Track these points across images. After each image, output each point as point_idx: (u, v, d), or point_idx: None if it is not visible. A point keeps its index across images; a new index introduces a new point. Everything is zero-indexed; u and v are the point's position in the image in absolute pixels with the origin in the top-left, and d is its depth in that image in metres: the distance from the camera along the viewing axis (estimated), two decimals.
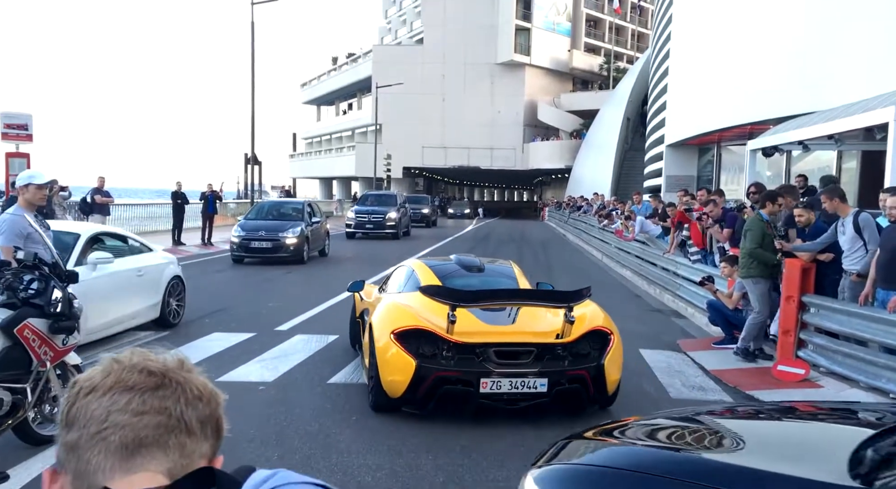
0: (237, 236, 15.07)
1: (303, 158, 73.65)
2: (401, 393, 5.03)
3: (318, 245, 16.66)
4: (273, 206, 17.38)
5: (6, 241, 4.76)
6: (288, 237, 14.97)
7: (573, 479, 2.14)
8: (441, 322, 4.98)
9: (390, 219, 23.89)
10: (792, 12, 15.36)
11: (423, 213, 33.48)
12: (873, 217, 6.37)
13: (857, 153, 13.43)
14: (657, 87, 30.05)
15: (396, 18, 70.95)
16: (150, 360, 0.88)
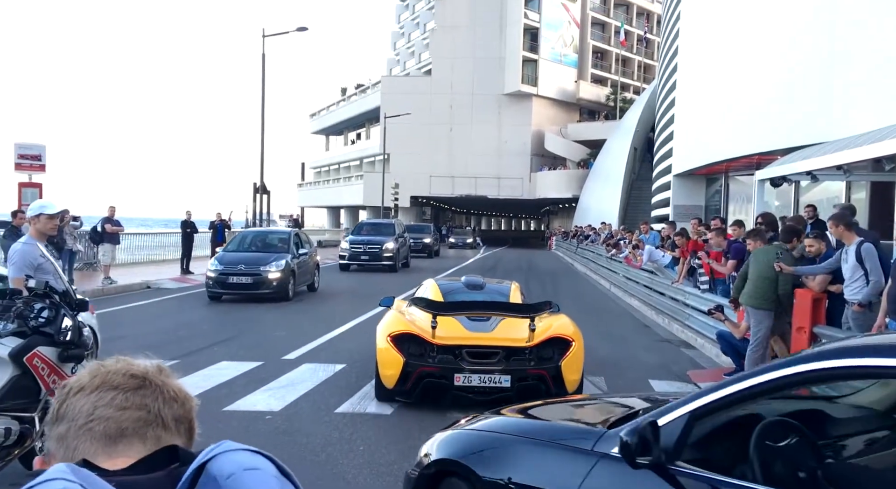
0: (213, 270, 13.37)
1: (311, 187, 74.12)
2: (393, 384, 6.08)
3: (307, 279, 15.08)
4: (256, 236, 15.62)
5: (17, 272, 4.78)
6: (271, 271, 13.37)
7: (456, 439, 3.09)
8: (427, 328, 6.14)
9: (387, 249, 22.13)
10: (798, 44, 15.50)
11: (424, 243, 31.92)
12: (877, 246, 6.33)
13: (866, 183, 13.41)
14: (664, 117, 30.24)
15: (405, 50, 71.93)
16: (133, 365, 1.01)
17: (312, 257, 15.58)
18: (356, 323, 11.16)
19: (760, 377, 2.19)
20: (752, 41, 17.65)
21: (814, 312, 6.71)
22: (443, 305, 6.59)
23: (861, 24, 13.51)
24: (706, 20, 21.92)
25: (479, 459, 2.86)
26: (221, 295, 13.50)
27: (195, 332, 10.07)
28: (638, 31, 64.06)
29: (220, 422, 5.71)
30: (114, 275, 15.25)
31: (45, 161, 13.95)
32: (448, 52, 55.79)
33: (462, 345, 6.02)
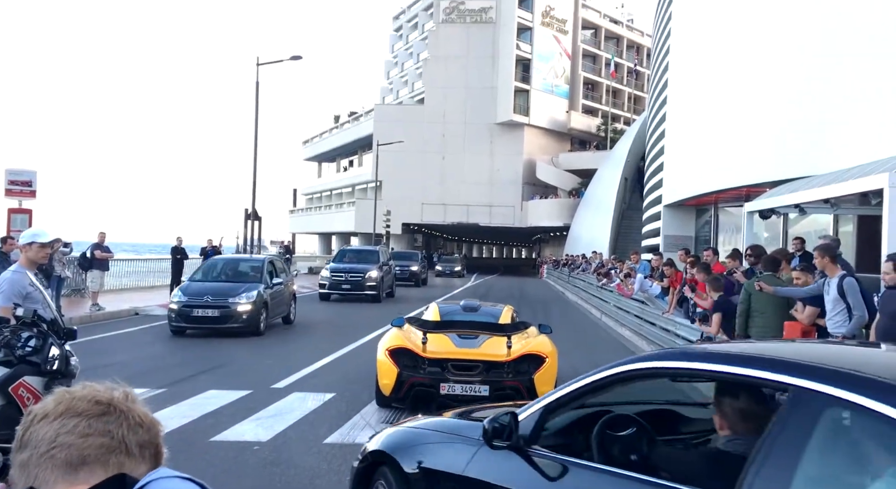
0: (176, 302, 12.18)
1: (303, 214, 74.17)
2: (389, 392, 6.87)
3: (281, 311, 13.97)
4: (227, 264, 14.39)
5: (5, 301, 4.74)
6: (240, 303, 12.19)
7: (390, 434, 3.63)
8: (419, 343, 7.01)
9: (370, 278, 20.74)
10: (787, 79, 15.79)
11: (411, 271, 30.47)
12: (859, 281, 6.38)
13: (853, 217, 13.58)
14: (654, 148, 30.59)
15: (398, 79, 72.65)
16: (99, 391, 1.00)
17: (288, 287, 14.52)
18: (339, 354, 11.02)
19: (595, 376, 2.72)
20: (741, 76, 17.97)
21: None
22: (432, 324, 7.66)
23: (848, 62, 13.80)
24: (695, 54, 22.32)
25: (402, 450, 3.40)
26: (185, 329, 12.25)
27: (183, 360, 9.98)
28: (628, 64, 65.08)
29: (206, 453, 5.63)
30: (102, 301, 15.13)
31: (35, 187, 13.88)
32: (441, 81, 56.42)
33: (448, 359, 6.88)
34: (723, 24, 19.43)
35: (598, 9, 64.95)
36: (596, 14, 64.33)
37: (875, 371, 2.01)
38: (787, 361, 2.20)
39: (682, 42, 24.36)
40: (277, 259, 15.69)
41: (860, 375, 1.96)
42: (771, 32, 16.51)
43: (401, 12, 72.71)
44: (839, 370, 2.01)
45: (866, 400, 1.80)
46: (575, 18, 60.44)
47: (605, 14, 65.69)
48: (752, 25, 17.52)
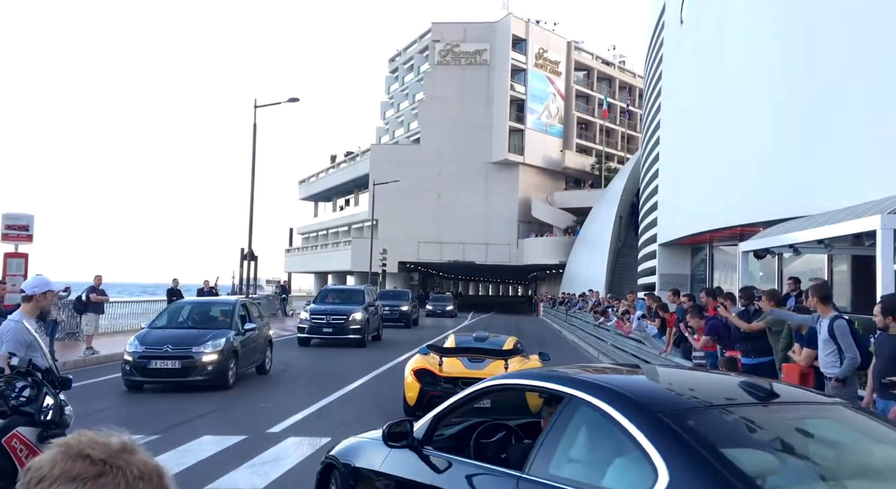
0: (132, 353, 10.77)
1: (299, 253, 74.16)
2: (413, 404, 8.59)
3: (255, 359, 12.65)
4: (194, 308, 13.06)
5: (6, 350, 4.73)
6: (205, 352, 10.85)
7: (346, 443, 4.42)
8: (436, 365, 8.92)
9: (354, 321, 19.03)
10: (778, 120, 16.03)
11: (401, 311, 28.65)
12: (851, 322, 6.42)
13: (847, 256, 13.65)
14: (648, 187, 30.83)
15: (394, 119, 73.48)
16: (94, 446, 0.97)
17: (263, 332, 13.23)
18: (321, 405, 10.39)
19: (463, 393, 3.70)
20: (733, 116, 18.24)
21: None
22: (448, 350, 9.51)
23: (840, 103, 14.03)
24: (686, 96, 22.67)
25: (345, 455, 4.25)
26: (142, 383, 10.89)
27: (177, 405, 9.85)
28: (621, 104, 66.06)
29: None
30: (96, 345, 15.00)
31: (32, 231, 13.78)
32: (436, 121, 57.09)
33: (459, 377, 8.62)
34: (713, 66, 19.80)
35: (590, 51, 66.19)
36: (588, 56, 65.53)
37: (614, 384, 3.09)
38: (565, 378, 3.22)
39: (673, 84, 24.77)
40: (252, 303, 14.22)
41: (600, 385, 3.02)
42: (761, 75, 16.81)
43: (396, 54, 73.93)
44: (589, 382, 3.09)
45: (597, 400, 2.87)
46: (568, 60, 61.54)
47: (597, 56, 66.91)
48: (743, 69, 17.86)
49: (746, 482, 2.31)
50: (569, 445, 2.95)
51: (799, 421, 2.96)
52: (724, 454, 2.47)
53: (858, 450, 2.92)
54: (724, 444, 2.57)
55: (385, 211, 52.75)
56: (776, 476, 2.50)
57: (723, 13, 19.27)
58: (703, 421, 2.71)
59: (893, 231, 7.92)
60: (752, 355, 7.94)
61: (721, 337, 8.61)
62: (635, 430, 2.63)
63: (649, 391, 3.19)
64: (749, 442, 2.72)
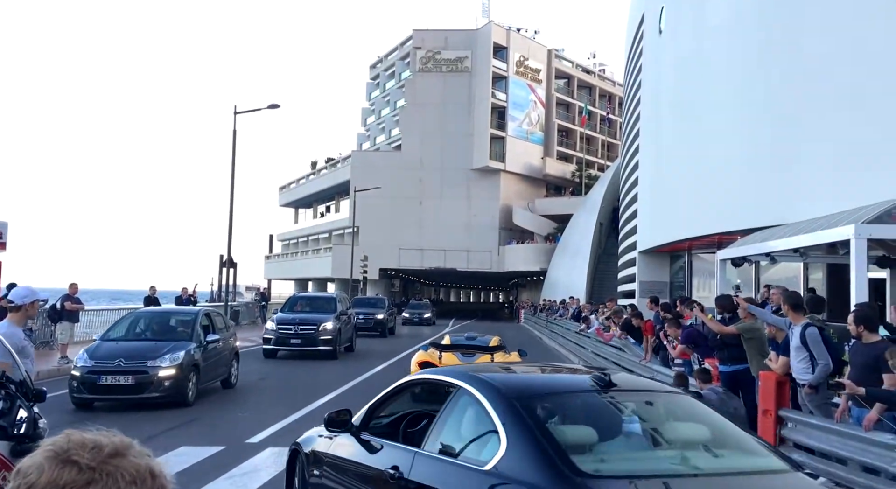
0: (80, 368, 9.92)
1: (279, 260, 73.70)
2: None
3: (220, 373, 11.91)
4: (153, 318, 12.15)
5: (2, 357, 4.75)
6: (162, 367, 10.07)
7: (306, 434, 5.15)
8: (436, 358, 10.85)
9: (325, 331, 17.68)
10: (755, 132, 16.26)
11: (376, 320, 27.19)
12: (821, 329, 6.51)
13: (822, 264, 13.87)
14: (628, 195, 31.07)
15: (375, 126, 73.43)
16: (82, 451, 0.94)
17: (228, 344, 12.45)
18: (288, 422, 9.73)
19: (391, 387, 4.51)
20: (710, 125, 18.47)
21: (778, 395, 6.79)
22: (445, 346, 11.62)
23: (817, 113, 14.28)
24: (665, 105, 22.92)
25: (305, 442, 4.97)
26: (92, 401, 10.04)
27: (154, 415, 9.70)
28: (601, 112, 66.61)
29: None
30: (71, 354, 14.77)
31: (6, 238, 13.54)
32: (418, 128, 57.15)
33: None
34: (691, 76, 20.05)
35: (570, 59, 66.72)
36: (569, 64, 66.03)
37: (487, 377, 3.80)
38: (457, 373, 4.03)
39: (652, 93, 25.04)
40: (216, 312, 13.32)
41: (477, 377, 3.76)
42: (739, 85, 17.06)
43: (378, 61, 73.95)
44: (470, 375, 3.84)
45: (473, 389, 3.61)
46: (548, 68, 61.95)
47: (577, 64, 67.44)
48: (720, 78, 18.11)
49: (557, 449, 3.09)
50: (452, 425, 3.68)
51: (627, 404, 3.69)
52: (549, 428, 3.28)
53: (672, 426, 3.67)
54: (553, 421, 3.40)
55: (366, 217, 52.64)
56: (595, 444, 3.27)
57: (700, 24, 19.54)
58: (543, 404, 3.55)
59: (867, 240, 8.05)
60: (728, 363, 8.03)
61: (698, 345, 8.69)
62: (492, 411, 3.39)
63: (510, 382, 3.91)
64: (578, 420, 3.54)
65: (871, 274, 10.67)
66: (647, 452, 3.44)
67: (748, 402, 7.59)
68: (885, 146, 12.50)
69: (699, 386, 7.94)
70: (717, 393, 7.56)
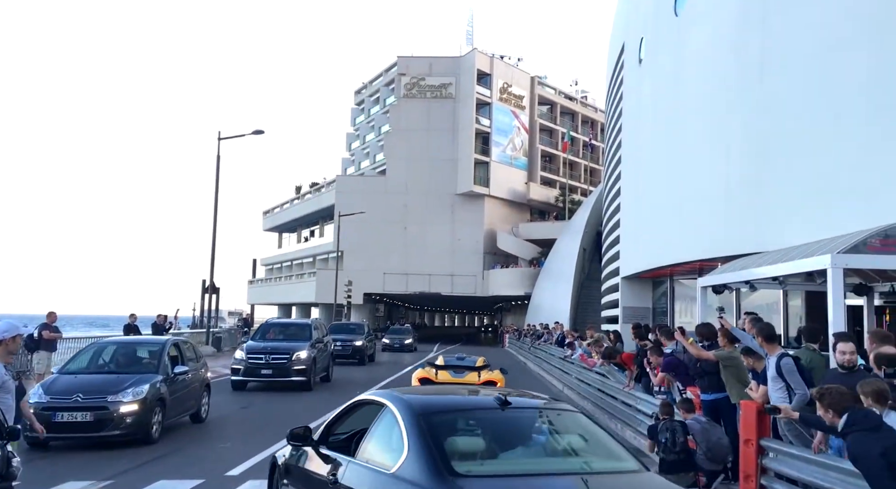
0: (34, 404, 8.84)
1: (262, 284, 73.27)
2: None
3: (189, 407, 11.27)
4: (118, 349, 11.28)
5: None
6: (123, 402, 9.42)
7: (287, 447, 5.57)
8: (433, 375, 13.64)
9: (298, 360, 16.69)
10: (734, 156, 16.52)
11: (354, 347, 26.05)
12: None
13: (801, 292, 14.03)
14: (610, 220, 31.33)
15: (360, 151, 73.74)
16: None
17: (198, 375, 11.80)
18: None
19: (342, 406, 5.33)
20: (689, 153, 18.74)
21: (759, 424, 6.82)
22: (439, 366, 14.45)
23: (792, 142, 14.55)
24: (646, 133, 23.25)
25: (283, 454, 5.69)
26: (47, 441, 8.97)
27: (117, 453, 9.20)
28: (584, 138, 67.41)
29: None
30: None
31: None
32: (402, 153, 57.46)
33: (448, 383, 12.97)
34: (670, 104, 20.38)
35: (553, 86, 67.63)
36: (551, 91, 66.91)
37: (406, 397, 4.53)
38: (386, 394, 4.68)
39: (633, 120, 25.40)
40: (186, 342, 12.63)
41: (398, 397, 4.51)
42: (717, 113, 17.36)
43: (362, 87, 74.48)
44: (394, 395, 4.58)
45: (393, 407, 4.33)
46: (531, 95, 62.72)
47: (560, 91, 68.36)
48: (699, 107, 18.42)
49: (442, 455, 3.77)
50: (376, 437, 4.35)
51: (519, 418, 4.41)
52: (440, 438, 3.93)
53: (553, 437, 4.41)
54: (447, 433, 4.05)
55: (350, 242, 52.59)
56: (481, 451, 4.02)
57: (679, 53, 19.92)
58: (443, 418, 4.25)
59: (843, 270, 8.18)
60: (708, 391, 8.07)
61: (678, 373, 8.73)
62: (402, 423, 4.08)
63: (422, 401, 4.53)
64: (471, 431, 4.24)
65: (849, 301, 10.82)
66: (523, 457, 4.13)
67: (729, 431, 7.61)
68: (859, 176, 12.75)
69: (683, 415, 7.96)
70: (700, 422, 7.59)
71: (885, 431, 4.48)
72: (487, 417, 4.34)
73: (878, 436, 4.39)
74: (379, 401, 4.57)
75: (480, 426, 4.29)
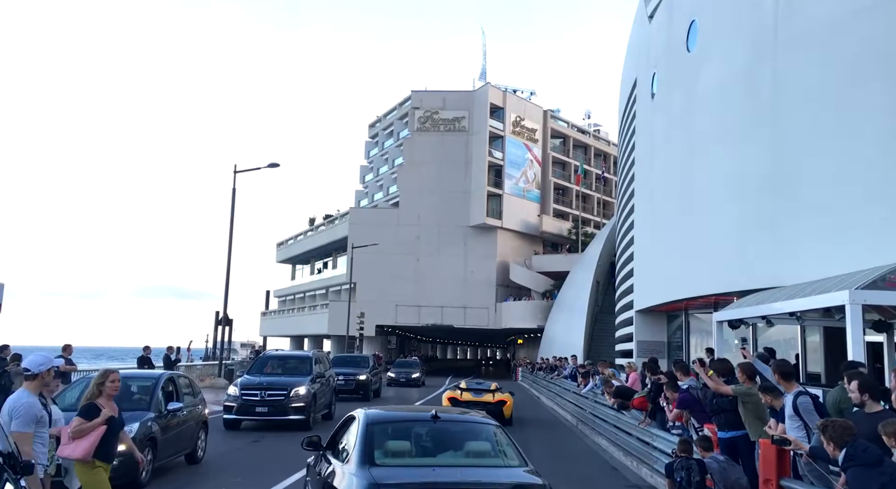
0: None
1: (275, 316, 73.30)
2: None
3: (183, 446, 10.55)
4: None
5: (24, 427, 4.73)
6: None
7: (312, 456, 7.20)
8: (459, 394, 18.47)
9: (297, 396, 15.42)
10: (748, 190, 16.48)
11: (357, 381, 24.24)
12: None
13: (819, 327, 13.86)
14: (624, 253, 31.21)
15: (373, 183, 74.26)
16: None
17: (195, 412, 11.09)
18: None
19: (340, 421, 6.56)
20: (703, 187, 18.73)
21: (779, 464, 6.69)
22: (463, 388, 18.84)
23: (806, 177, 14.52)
24: (658, 167, 23.28)
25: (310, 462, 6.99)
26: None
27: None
28: (596, 171, 67.59)
29: None
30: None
31: (2, 299, 13.27)
32: (415, 185, 57.80)
33: (471, 401, 17.28)
34: (683, 139, 20.45)
35: (566, 119, 68.10)
36: (564, 124, 67.35)
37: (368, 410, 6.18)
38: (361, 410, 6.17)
39: (646, 154, 25.47)
40: (182, 376, 11.81)
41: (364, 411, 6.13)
42: (730, 147, 17.39)
43: (376, 120, 75.33)
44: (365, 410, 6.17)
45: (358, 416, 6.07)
46: (544, 128, 63.16)
47: (572, 124, 68.79)
48: (711, 141, 18.46)
49: (370, 452, 5.32)
50: (347, 441, 5.79)
51: (443, 430, 5.82)
52: (376, 440, 5.47)
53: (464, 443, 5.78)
54: (384, 437, 5.61)
55: (363, 274, 52.65)
56: (407, 452, 5.59)
57: (692, 89, 20.05)
58: (383, 427, 5.78)
59: (861, 306, 8.08)
60: (725, 428, 7.95)
61: (693, 410, 8.61)
62: (357, 430, 5.64)
63: (377, 414, 6.05)
64: (404, 437, 5.80)
65: (868, 337, 10.67)
66: (432, 455, 5.64)
67: (748, 470, 7.47)
68: (874, 210, 12.67)
69: (701, 453, 7.83)
70: (717, 461, 7.46)
71: (885, 467, 4.55)
72: (421, 427, 5.91)
73: (878, 471, 4.49)
74: (356, 415, 6.09)
75: (413, 433, 5.87)
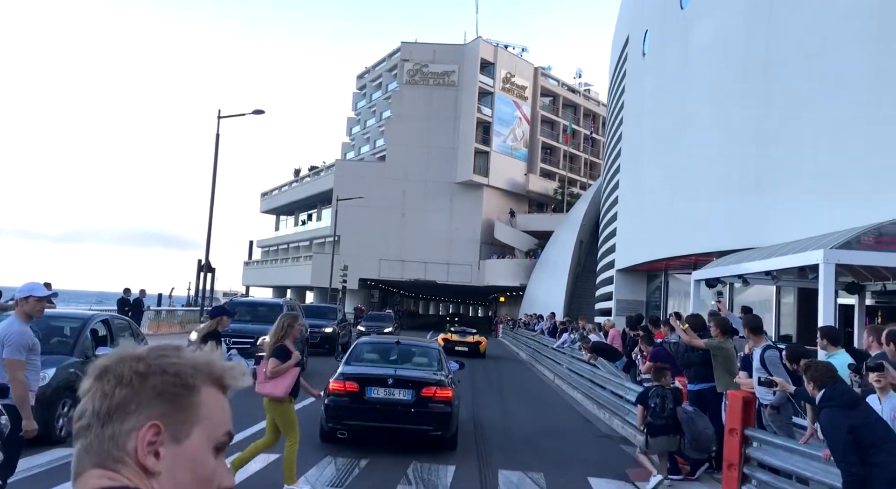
0: None
1: (258, 266, 73.19)
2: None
3: None
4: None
5: (13, 353, 4.72)
6: None
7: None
8: (449, 336, 26.51)
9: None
10: (733, 152, 16.53)
11: (323, 334, 21.68)
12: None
13: (794, 289, 14.10)
14: (608, 213, 31.36)
15: (360, 136, 73.49)
16: None
17: None
18: None
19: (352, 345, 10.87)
20: (688, 148, 18.75)
21: (745, 414, 6.89)
22: (451, 331, 27.61)
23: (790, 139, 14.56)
24: (646, 127, 23.23)
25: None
26: None
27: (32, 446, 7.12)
28: (585, 131, 67.25)
29: None
30: None
31: None
32: (402, 140, 57.29)
33: (456, 341, 25.55)
34: (672, 98, 20.36)
35: (556, 77, 67.37)
36: (554, 83, 66.65)
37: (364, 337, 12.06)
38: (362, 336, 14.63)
39: (634, 114, 25.38)
40: (122, 319, 10.30)
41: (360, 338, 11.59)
42: (718, 108, 17.36)
43: (365, 72, 74.14)
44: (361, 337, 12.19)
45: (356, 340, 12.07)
46: (534, 86, 62.51)
47: (563, 83, 68.10)
48: (700, 102, 18.41)
49: (350, 357, 9.39)
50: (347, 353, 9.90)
51: (401, 349, 9.74)
52: (358, 353, 9.60)
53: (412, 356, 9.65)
54: (363, 352, 9.71)
55: (347, 227, 52.53)
56: (375, 360, 9.51)
57: (683, 49, 19.88)
58: (365, 346, 9.97)
59: (835, 265, 8.22)
60: (695, 381, 8.15)
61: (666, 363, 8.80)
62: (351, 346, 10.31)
63: (364, 339, 10.74)
64: (374, 351, 9.86)
65: (841, 299, 10.88)
66: (387, 361, 9.35)
67: (714, 421, 7.68)
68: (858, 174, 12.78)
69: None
70: (686, 412, 7.66)
71: (859, 410, 4.55)
72: (387, 347, 9.81)
73: (850, 414, 4.47)
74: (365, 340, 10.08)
75: (380, 349, 9.80)
